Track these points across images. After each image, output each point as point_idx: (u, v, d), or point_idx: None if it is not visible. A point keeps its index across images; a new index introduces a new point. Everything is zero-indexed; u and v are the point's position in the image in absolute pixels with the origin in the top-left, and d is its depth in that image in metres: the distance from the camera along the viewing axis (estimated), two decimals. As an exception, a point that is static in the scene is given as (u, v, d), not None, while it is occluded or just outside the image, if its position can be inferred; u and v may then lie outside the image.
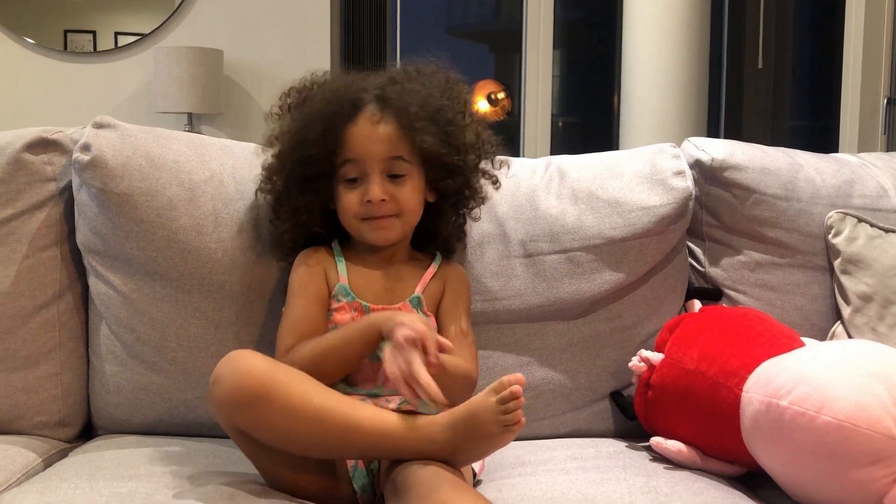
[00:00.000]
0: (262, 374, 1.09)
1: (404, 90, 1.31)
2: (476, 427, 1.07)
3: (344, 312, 1.30)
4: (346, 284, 1.32)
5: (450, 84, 1.37)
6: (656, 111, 3.86)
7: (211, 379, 1.11)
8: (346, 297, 1.31)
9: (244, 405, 1.08)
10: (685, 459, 1.34)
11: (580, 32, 5.02)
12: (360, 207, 1.30)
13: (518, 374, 1.08)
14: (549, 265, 1.50)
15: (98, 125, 1.46)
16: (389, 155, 1.29)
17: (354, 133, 1.29)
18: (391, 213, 1.30)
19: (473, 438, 1.09)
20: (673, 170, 1.54)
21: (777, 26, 4.43)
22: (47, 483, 1.19)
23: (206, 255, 1.42)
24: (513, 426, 1.06)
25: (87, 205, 1.44)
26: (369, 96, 1.31)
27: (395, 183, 1.30)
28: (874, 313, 1.51)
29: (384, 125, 1.29)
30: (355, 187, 1.31)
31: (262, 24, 3.48)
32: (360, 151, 1.29)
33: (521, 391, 1.06)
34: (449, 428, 1.09)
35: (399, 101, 1.29)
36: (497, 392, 1.06)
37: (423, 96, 1.31)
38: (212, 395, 1.11)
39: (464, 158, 1.34)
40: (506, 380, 1.07)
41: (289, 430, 1.08)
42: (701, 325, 1.43)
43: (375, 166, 1.29)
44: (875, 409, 1.13)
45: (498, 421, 1.06)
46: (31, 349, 1.44)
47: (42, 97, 3.44)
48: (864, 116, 3.76)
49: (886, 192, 1.64)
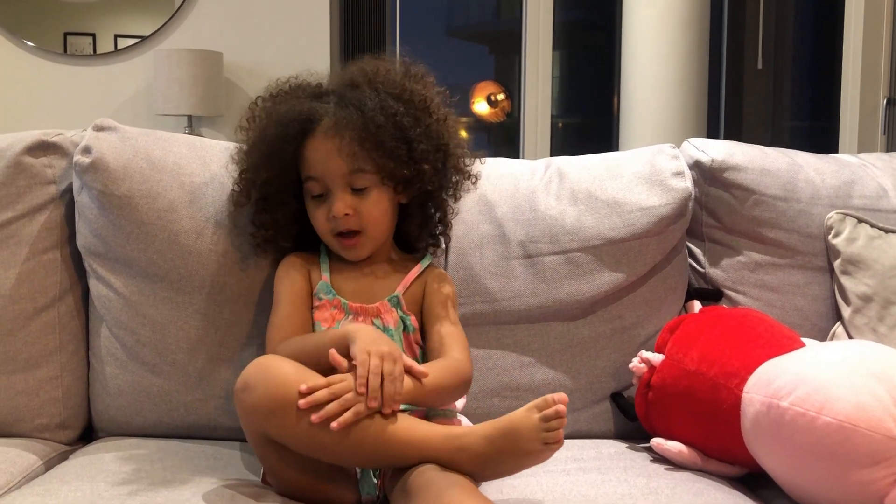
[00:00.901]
0: (295, 382, 1.08)
1: (362, 96, 1.28)
2: (516, 442, 1.07)
3: (324, 310, 1.31)
4: (327, 282, 1.33)
5: (408, 79, 1.33)
6: (656, 112, 3.86)
7: (239, 385, 1.10)
8: (326, 295, 1.32)
9: (279, 413, 1.07)
10: (686, 460, 1.34)
11: (580, 33, 5.02)
12: (328, 223, 1.31)
13: (562, 392, 1.08)
14: (548, 266, 1.50)
15: (99, 128, 1.47)
16: (349, 169, 1.28)
17: (313, 149, 1.29)
18: (356, 227, 1.30)
19: (511, 453, 1.08)
20: (672, 170, 1.54)
21: (777, 27, 4.43)
22: (48, 486, 1.19)
23: (206, 257, 1.42)
24: (553, 444, 1.06)
25: (88, 207, 1.44)
26: (324, 110, 1.29)
27: (359, 196, 1.30)
28: (874, 314, 1.51)
29: (340, 139, 1.27)
30: (321, 203, 1.31)
31: (262, 27, 3.48)
32: (321, 168, 1.29)
33: (565, 410, 1.06)
34: (485, 440, 1.09)
35: (354, 113, 1.27)
36: (540, 409, 1.06)
37: (379, 102, 1.27)
38: (241, 401, 1.09)
39: (421, 166, 1.30)
40: (550, 398, 1.07)
41: (322, 437, 1.07)
42: (701, 325, 1.43)
43: (337, 181, 1.28)
44: (875, 410, 1.13)
45: (540, 438, 1.06)
46: (32, 352, 1.44)
47: (42, 100, 3.44)
48: (864, 117, 3.75)
49: (886, 193, 1.64)
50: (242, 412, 1.11)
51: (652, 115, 3.87)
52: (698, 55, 3.87)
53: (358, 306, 1.31)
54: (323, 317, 1.30)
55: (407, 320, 1.32)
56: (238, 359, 1.43)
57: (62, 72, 3.46)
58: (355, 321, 1.29)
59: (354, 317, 1.30)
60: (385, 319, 1.31)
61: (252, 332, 1.44)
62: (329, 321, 1.30)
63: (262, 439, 1.12)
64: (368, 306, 1.31)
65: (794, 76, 4.75)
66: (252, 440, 1.14)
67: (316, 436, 1.07)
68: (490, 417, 1.46)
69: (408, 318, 1.32)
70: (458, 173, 1.39)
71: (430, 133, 1.31)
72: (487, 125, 4.66)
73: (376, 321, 1.30)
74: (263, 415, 1.08)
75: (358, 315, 1.30)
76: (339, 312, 1.31)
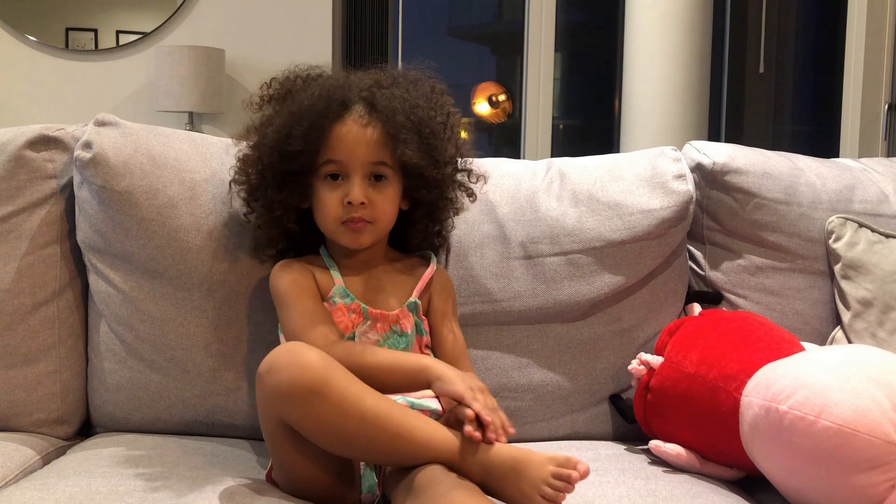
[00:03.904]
0: (320, 368, 1.07)
1: (392, 96, 1.30)
2: (518, 479, 1.06)
3: (341, 314, 1.29)
4: (342, 285, 1.32)
5: (435, 94, 1.36)
6: (657, 115, 3.86)
7: (263, 367, 1.09)
8: (343, 299, 1.30)
9: (300, 397, 1.06)
10: (684, 463, 1.34)
11: (582, 35, 5.02)
12: (340, 209, 1.29)
13: (588, 465, 1.06)
14: (549, 267, 1.50)
15: (100, 123, 1.46)
16: (373, 159, 1.29)
17: (341, 133, 1.28)
18: (368, 218, 1.30)
19: (510, 485, 1.07)
20: (674, 173, 1.54)
21: (778, 31, 4.43)
22: (45, 480, 1.19)
23: (206, 253, 1.42)
24: (548, 502, 1.05)
25: (88, 202, 1.44)
26: (357, 98, 1.30)
27: (375, 188, 1.30)
28: (874, 318, 1.51)
29: (371, 129, 1.28)
30: (336, 187, 1.30)
31: (264, 24, 3.48)
32: (346, 152, 1.28)
33: (578, 480, 1.05)
34: (496, 459, 1.08)
35: (386, 107, 1.28)
36: (558, 465, 1.06)
37: (410, 105, 1.30)
38: (263, 383, 1.09)
39: (442, 171, 1.34)
40: (573, 462, 1.06)
41: (340, 427, 1.07)
42: (701, 328, 1.43)
43: (359, 168, 1.29)
44: (874, 415, 1.13)
45: (538, 489, 1.05)
46: (31, 346, 1.44)
47: (43, 95, 3.44)
48: (865, 122, 3.76)
49: (887, 198, 1.64)
50: (262, 394, 1.10)
51: (653, 117, 3.87)
52: (700, 58, 3.87)
53: (378, 312, 1.30)
54: (339, 320, 1.29)
55: (420, 325, 1.34)
56: (237, 356, 1.43)
57: (64, 67, 3.46)
58: (374, 327, 1.29)
59: (373, 322, 1.29)
60: (403, 325, 1.31)
61: (251, 329, 1.44)
62: (347, 325, 1.29)
63: (277, 425, 1.11)
64: (388, 313, 1.31)
65: (796, 80, 4.75)
66: (267, 427, 1.13)
67: (334, 423, 1.07)
68: (488, 417, 1.48)
69: (421, 323, 1.34)
70: (463, 189, 1.41)
71: (449, 144, 1.34)
72: (488, 126, 4.66)
73: (395, 327, 1.31)
74: (284, 398, 1.07)
75: (377, 321, 1.30)
76: (358, 317, 1.30)
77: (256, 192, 1.35)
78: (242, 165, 1.36)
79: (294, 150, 1.28)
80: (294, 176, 1.31)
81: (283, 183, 1.31)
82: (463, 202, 1.43)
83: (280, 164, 1.30)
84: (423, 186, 1.33)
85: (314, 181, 1.31)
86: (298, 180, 1.31)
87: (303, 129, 1.28)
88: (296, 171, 1.30)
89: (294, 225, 1.35)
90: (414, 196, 1.35)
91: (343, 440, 1.08)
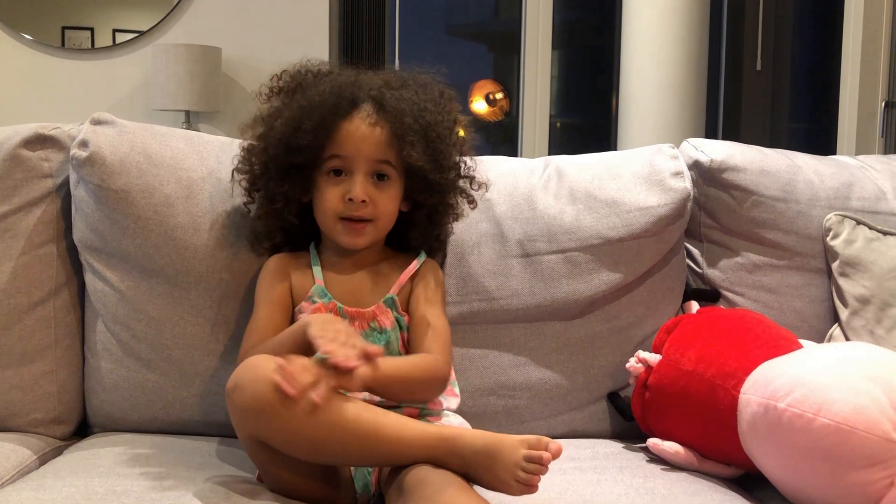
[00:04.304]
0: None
1: (402, 98, 1.30)
2: (493, 465, 1.06)
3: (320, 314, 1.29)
4: (322, 285, 1.32)
5: (443, 100, 1.36)
6: (655, 112, 3.86)
7: (229, 385, 1.09)
8: (321, 299, 1.31)
9: (268, 412, 1.05)
10: (682, 461, 1.34)
11: (579, 33, 5.02)
12: (341, 205, 1.30)
13: (560, 444, 1.05)
14: (546, 265, 1.50)
15: (96, 121, 1.46)
16: (378, 158, 1.29)
17: (348, 130, 1.29)
18: (368, 216, 1.30)
19: (486, 471, 1.06)
20: (671, 170, 1.54)
21: (776, 28, 4.43)
22: (42, 481, 1.19)
23: (203, 252, 1.42)
24: (524, 486, 1.04)
25: (85, 201, 1.43)
26: (367, 96, 1.30)
27: (377, 187, 1.30)
28: (872, 316, 1.51)
29: (378, 128, 1.29)
30: (338, 182, 1.30)
31: (261, 22, 3.47)
32: (351, 149, 1.29)
33: (550, 460, 1.04)
34: (471, 448, 1.08)
35: (395, 108, 1.29)
36: (530, 447, 1.05)
37: (419, 108, 1.30)
38: (232, 402, 1.09)
39: (445, 176, 1.34)
40: (544, 442, 1.05)
41: (309, 437, 1.06)
42: (699, 326, 1.43)
43: (363, 166, 1.29)
44: (872, 412, 1.13)
45: (513, 473, 1.04)
46: (27, 346, 1.43)
47: (39, 94, 3.43)
48: (862, 119, 3.76)
49: (885, 195, 1.64)
50: (232, 412, 1.11)
51: (650, 115, 3.87)
52: (697, 56, 3.87)
53: (354, 311, 1.30)
54: None
55: (401, 320, 1.32)
56: (234, 355, 1.43)
57: (60, 66, 3.45)
58: (352, 325, 1.28)
59: (350, 321, 1.29)
60: (381, 322, 1.31)
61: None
62: None
63: (253, 440, 1.11)
64: (364, 310, 1.30)
65: (793, 78, 4.75)
66: (244, 441, 1.13)
67: (303, 435, 1.06)
68: (486, 416, 1.48)
69: (402, 318, 1.32)
70: (464, 195, 1.41)
71: (454, 150, 1.35)
72: (486, 124, 4.65)
73: (373, 324, 1.30)
74: (253, 415, 1.07)
75: (354, 319, 1.30)
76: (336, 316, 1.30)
77: (259, 183, 1.36)
78: (247, 155, 1.36)
79: (301, 144, 1.28)
80: (298, 169, 1.31)
81: (286, 175, 1.32)
82: (463, 208, 1.43)
83: (285, 157, 1.30)
84: (426, 189, 1.33)
85: (317, 175, 1.32)
86: (302, 173, 1.31)
87: (312, 124, 1.28)
88: (300, 164, 1.30)
89: (294, 218, 1.35)
90: (415, 198, 1.35)
91: (315, 448, 1.08)
